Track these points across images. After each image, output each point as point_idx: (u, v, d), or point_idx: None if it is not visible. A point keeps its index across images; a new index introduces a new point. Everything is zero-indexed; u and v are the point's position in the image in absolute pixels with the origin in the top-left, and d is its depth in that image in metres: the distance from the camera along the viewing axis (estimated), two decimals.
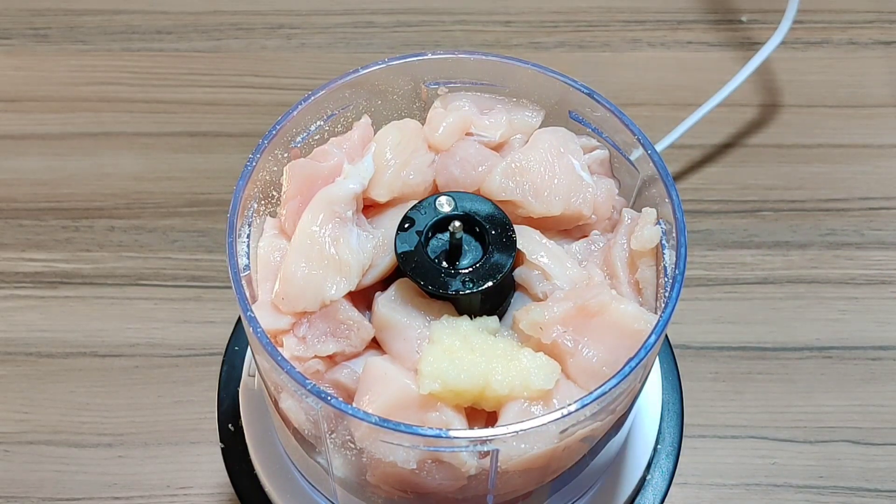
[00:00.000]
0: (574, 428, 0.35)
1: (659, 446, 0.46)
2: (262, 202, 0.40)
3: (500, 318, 0.38)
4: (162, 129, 0.67)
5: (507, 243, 0.38)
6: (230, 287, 0.36)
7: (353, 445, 0.36)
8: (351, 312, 0.37)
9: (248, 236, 0.39)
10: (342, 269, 0.37)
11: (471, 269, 0.37)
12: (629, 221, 0.39)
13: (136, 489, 0.54)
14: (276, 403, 0.38)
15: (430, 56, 0.41)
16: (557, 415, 0.33)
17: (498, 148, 0.41)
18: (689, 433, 0.50)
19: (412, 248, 0.37)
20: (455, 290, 0.37)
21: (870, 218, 0.63)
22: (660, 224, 0.39)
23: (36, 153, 0.66)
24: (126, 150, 0.66)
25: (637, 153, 0.40)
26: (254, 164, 0.39)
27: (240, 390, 0.46)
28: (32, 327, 0.59)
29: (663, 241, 0.38)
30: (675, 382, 0.48)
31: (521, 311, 0.37)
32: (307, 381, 0.34)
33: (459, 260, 0.38)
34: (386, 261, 0.38)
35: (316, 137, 0.41)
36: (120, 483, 0.54)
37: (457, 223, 0.37)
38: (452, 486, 0.36)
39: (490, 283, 0.37)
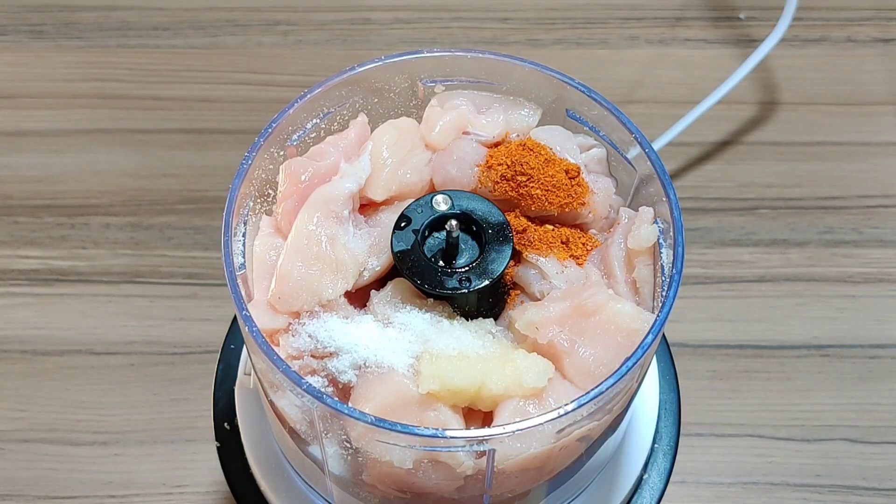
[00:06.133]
0: (571, 428, 0.35)
1: (656, 445, 0.46)
2: (258, 200, 0.40)
3: (497, 318, 0.38)
4: (158, 125, 0.67)
5: (504, 242, 0.38)
6: (226, 285, 0.36)
7: (349, 445, 0.36)
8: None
9: (244, 235, 0.39)
10: (339, 268, 0.37)
11: (467, 268, 0.37)
12: (626, 220, 0.39)
13: (131, 487, 0.53)
14: (271, 402, 0.38)
15: (426, 54, 0.41)
16: (554, 414, 0.33)
17: (495, 146, 0.41)
18: (687, 432, 0.50)
19: (409, 247, 0.37)
20: (451, 289, 0.36)
21: (868, 216, 0.63)
22: (657, 223, 0.38)
23: (31, 150, 0.66)
24: (122, 146, 0.66)
25: (634, 151, 0.40)
26: (249, 162, 0.39)
27: (236, 388, 0.46)
28: (27, 325, 0.58)
29: (661, 240, 0.38)
30: (672, 381, 0.48)
31: (518, 310, 0.37)
32: (303, 381, 0.34)
33: (456, 259, 0.38)
34: (382, 260, 0.38)
35: (312, 135, 0.41)
36: (115, 481, 0.54)
37: (453, 222, 0.37)
38: (449, 486, 0.36)
39: (486, 282, 0.37)
